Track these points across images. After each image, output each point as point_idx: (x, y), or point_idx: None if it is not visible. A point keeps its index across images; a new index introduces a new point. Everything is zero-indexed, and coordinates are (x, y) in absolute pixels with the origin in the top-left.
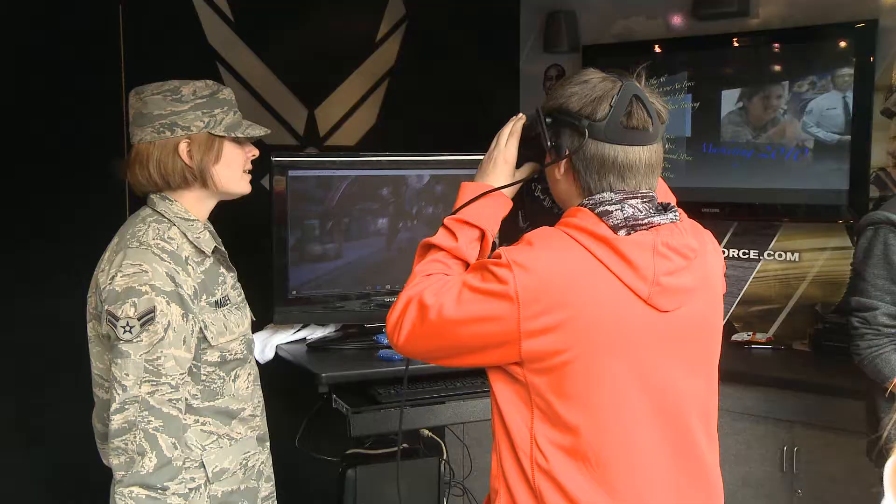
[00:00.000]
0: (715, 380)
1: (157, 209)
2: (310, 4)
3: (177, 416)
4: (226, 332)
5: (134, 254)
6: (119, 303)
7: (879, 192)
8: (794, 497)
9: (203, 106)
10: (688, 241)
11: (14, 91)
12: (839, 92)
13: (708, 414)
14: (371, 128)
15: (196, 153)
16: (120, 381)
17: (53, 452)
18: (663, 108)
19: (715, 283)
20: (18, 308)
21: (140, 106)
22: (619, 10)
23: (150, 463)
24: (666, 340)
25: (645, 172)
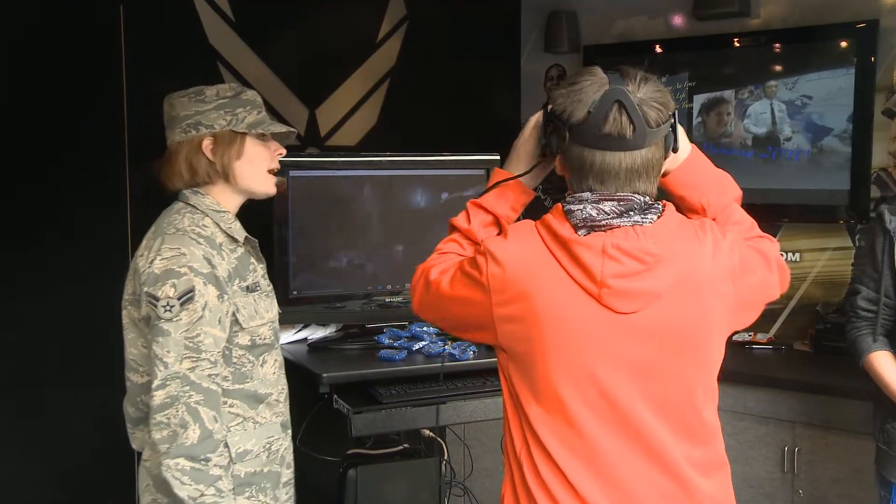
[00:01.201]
0: (695, 379)
1: (190, 202)
2: (310, 4)
3: (216, 391)
4: (256, 316)
5: (171, 238)
6: (159, 284)
7: (880, 193)
8: (795, 497)
9: (226, 105)
10: (645, 245)
11: (14, 91)
12: (768, 99)
13: (678, 412)
14: (372, 128)
15: (219, 149)
16: (161, 358)
17: (54, 452)
18: (661, 110)
19: (700, 286)
20: (18, 307)
21: (169, 109)
22: (619, 10)
23: (194, 435)
24: (623, 341)
25: (626, 177)
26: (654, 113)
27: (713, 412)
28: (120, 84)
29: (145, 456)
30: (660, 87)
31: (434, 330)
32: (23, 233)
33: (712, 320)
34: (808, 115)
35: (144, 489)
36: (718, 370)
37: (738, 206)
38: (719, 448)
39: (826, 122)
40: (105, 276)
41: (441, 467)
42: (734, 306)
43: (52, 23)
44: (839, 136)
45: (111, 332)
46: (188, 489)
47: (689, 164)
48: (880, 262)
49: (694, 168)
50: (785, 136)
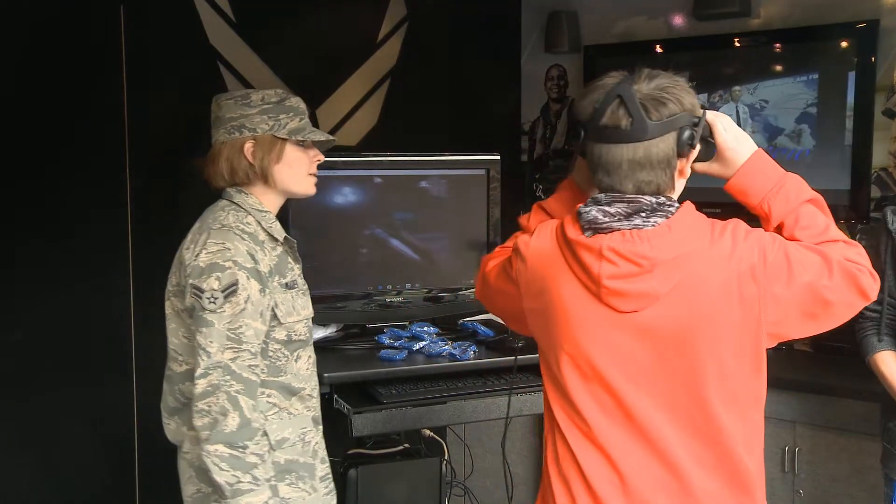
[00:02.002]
0: (701, 380)
1: (234, 200)
2: (310, 5)
3: (255, 381)
4: (293, 312)
5: (217, 234)
6: (204, 276)
7: (880, 193)
8: (796, 497)
9: (270, 111)
10: (639, 249)
11: (15, 90)
12: (734, 103)
13: (684, 410)
14: (372, 128)
15: (259, 153)
16: (205, 348)
17: (54, 452)
18: (666, 104)
19: (708, 289)
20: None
21: (216, 110)
22: (620, 11)
23: (234, 422)
24: (625, 339)
25: (629, 169)
26: (656, 105)
27: (738, 417)
28: (120, 84)
29: (185, 448)
30: (672, 84)
31: (434, 330)
32: (23, 232)
33: (720, 322)
34: (765, 117)
35: (187, 480)
36: (757, 373)
37: (811, 209)
38: (739, 454)
39: (779, 123)
40: (105, 276)
41: (441, 467)
42: (768, 308)
43: (52, 23)
44: (789, 136)
45: (111, 331)
46: (226, 475)
47: (747, 170)
48: (884, 263)
49: (750, 174)
50: None
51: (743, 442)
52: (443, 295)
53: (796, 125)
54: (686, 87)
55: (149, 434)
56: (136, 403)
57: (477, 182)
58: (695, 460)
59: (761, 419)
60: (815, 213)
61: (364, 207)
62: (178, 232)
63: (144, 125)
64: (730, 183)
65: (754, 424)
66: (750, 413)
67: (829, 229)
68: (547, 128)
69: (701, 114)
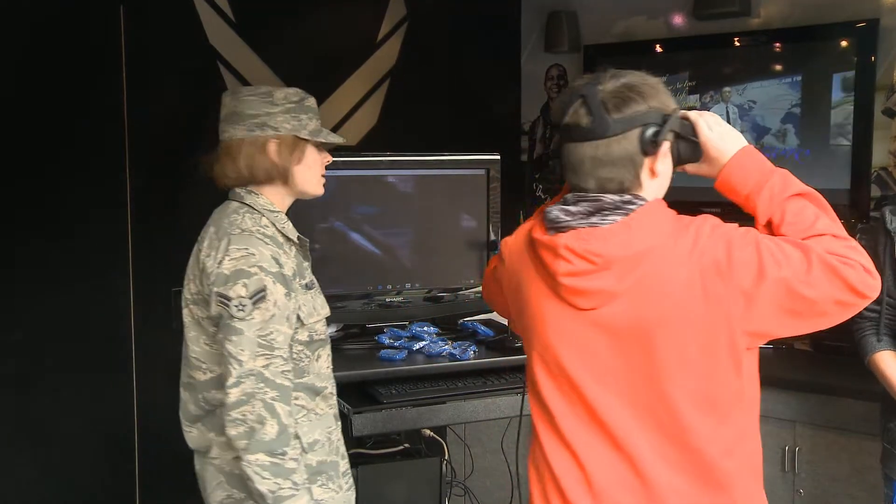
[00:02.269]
0: (666, 379)
1: (245, 201)
2: (310, 5)
3: (289, 386)
4: (314, 312)
5: (238, 239)
6: (230, 284)
7: (880, 192)
8: (796, 497)
9: (293, 110)
10: (592, 247)
11: (15, 90)
12: (724, 103)
13: (649, 408)
14: (372, 128)
15: (282, 152)
16: (236, 356)
17: (54, 452)
18: (628, 101)
19: (669, 286)
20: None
21: (235, 105)
22: (620, 10)
23: (273, 430)
24: (587, 335)
25: (591, 166)
26: (617, 103)
27: (713, 418)
28: (120, 84)
29: (214, 454)
30: (639, 82)
31: (434, 330)
32: (23, 232)
33: (683, 320)
34: (753, 117)
35: (216, 486)
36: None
37: (800, 203)
38: (710, 454)
39: (766, 122)
40: (105, 276)
41: (441, 467)
42: (737, 306)
43: (52, 23)
44: (775, 135)
45: (111, 331)
46: (268, 483)
47: (732, 167)
48: (882, 263)
49: (735, 171)
50: None
51: (719, 442)
52: (443, 295)
53: (781, 125)
54: (656, 86)
55: (149, 434)
56: (136, 403)
57: (477, 182)
58: (660, 457)
59: (750, 420)
60: (803, 208)
61: (363, 207)
62: (178, 232)
63: (144, 125)
64: (717, 181)
65: (738, 426)
66: (732, 414)
67: (817, 223)
68: (547, 128)
69: (671, 111)
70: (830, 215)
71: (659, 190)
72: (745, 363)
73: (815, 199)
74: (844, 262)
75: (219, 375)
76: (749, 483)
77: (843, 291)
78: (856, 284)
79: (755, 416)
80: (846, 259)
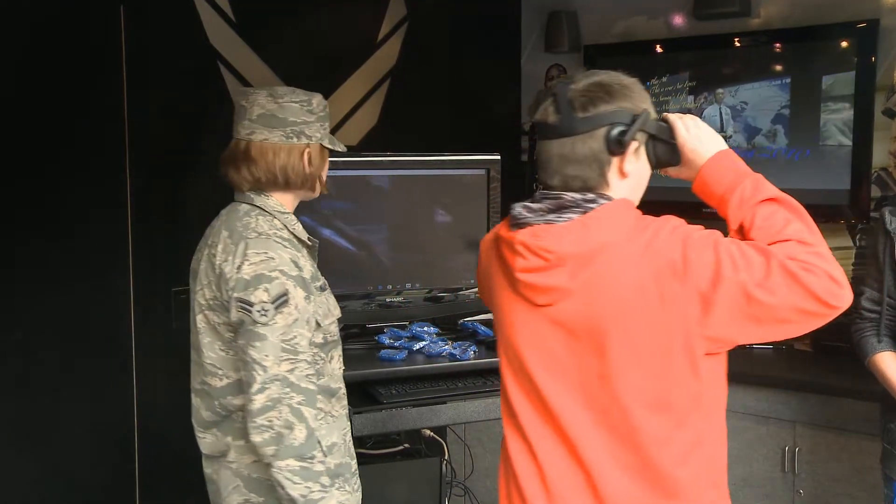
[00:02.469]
0: (618, 378)
1: (256, 203)
2: (310, 5)
3: (314, 390)
4: (329, 314)
5: (256, 243)
6: (251, 289)
7: (881, 192)
8: (796, 497)
9: (323, 119)
10: (545, 243)
11: (15, 90)
12: (717, 104)
13: (602, 407)
14: (372, 128)
15: (314, 161)
16: (260, 362)
17: (54, 452)
18: (596, 99)
19: (620, 285)
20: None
21: (276, 109)
22: (620, 10)
23: (301, 434)
24: (544, 332)
25: (558, 164)
26: (584, 102)
27: (667, 421)
28: (120, 84)
29: (231, 458)
30: (610, 81)
31: (434, 330)
32: (23, 232)
33: (636, 320)
34: (745, 118)
35: (232, 490)
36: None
37: (770, 208)
38: (660, 458)
39: (757, 123)
40: (105, 276)
41: (442, 467)
42: (693, 308)
43: (52, 23)
44: (766, 135)
45: (111, 331)
46: (299, 488)
47: (706, 171)
48: (882, 263)
49: (710, 174)
50: (727, 134)
51: (673, 447)
52: (443, 295)
53: (772, 125)
54: (630, 86)
55: (149, 434)
56: (136, 403)
57: (477, 182)
58: (613, 460)
59: (710, 426)
60: (773, 213)
61: (363, 207)
62: (178, 232)
63: (144, 125)
64: (693, 185)
65: (696, 431)
66: (689, 418)
67: (786, 229)
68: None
69: (640, 112)
70: (805, 221)
71: (631, 191)
72: (705, 367)
73: (788, 205)
74: (806, 269)
75: (236, 381)
76: (704, 492)
77: (805, 299)
78: (818, 292)
79: (716, 421)
80: (809, 266)
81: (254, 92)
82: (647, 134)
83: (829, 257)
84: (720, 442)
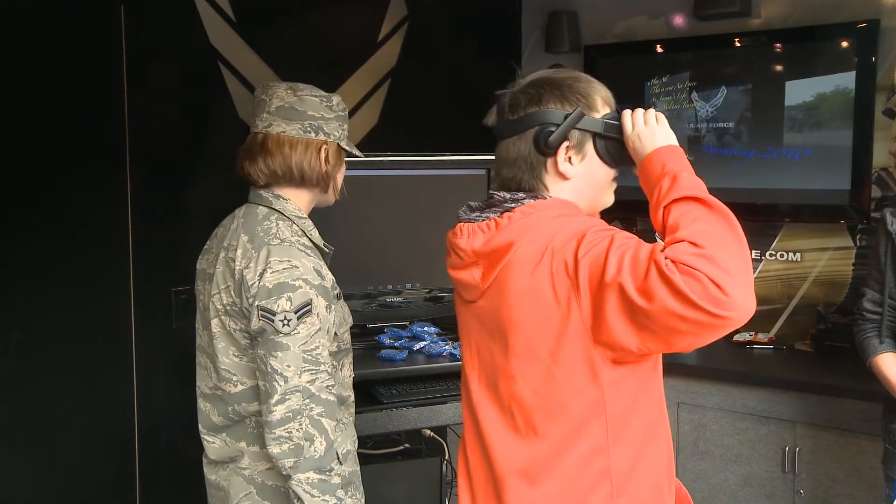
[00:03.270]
0: (519, 377)
1: (274, 206)
2: (310, 4)
3: (334, 401)
4: (344, 323)
5: (278, 251)
6: (273, 298)
7: (881, 192)
8: (796, 497)
9: (342, 119)
10: (460, 241)
11: (15, 90)
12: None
13: (506, 404)
14: (372, 128)
15: (331, 159)
16: (281, 372)
17: (54, 452)
18: (526, 101)
19: (520, 286)
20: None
21: (295, 102)
22: (620, 10)
23: (321, 447)
24: (474, 326)
25: (498, 166)
26: (514, 104)
27: (565, 427)
28: (120, 84)
29: (243, 464)
30: (543, 81)
31: (434, 330)
32: (23, 232)
33: (536, 321)
34: (716, 121)
35: (243, 497)
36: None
37: (682, 207)
38: (563, 464)
39: (725, 126)
40: (105, 276)
41: (442, 467)
42: (585, 311)
43: (52, 23)
44: (731, 134)
45: (111, 331)
46: (317, 501)
47: (641, 169)
48: (883, 265)
49: (642, 173)
50: (701, 134)
51: (571, 453)
52: (443, 295)
53: (736, 128)
54: (569, 85)
55: (149, 434)
56: (136, 403)
57: (477, 182)
58: (517, 463)
59: (621, 439)
60: (684, 213)
61: (364, 207)
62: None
63: (144, 125)
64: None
65: (595, 441)
66: (589, 427)
67: (685, 229)
68: None
69: (572, 110)
70: (720, 225)
71: (577, 193)
72: (610, 375)
73: (708, 205)
74: (686, 273)
75: (251, 387)
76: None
77: (682, 306)
78: (695, 299)
79: (631, 435)
80: (689, 269)
81: (274, 85)
82: (589, 133)
83: (722, 261)
84: (631, 456)
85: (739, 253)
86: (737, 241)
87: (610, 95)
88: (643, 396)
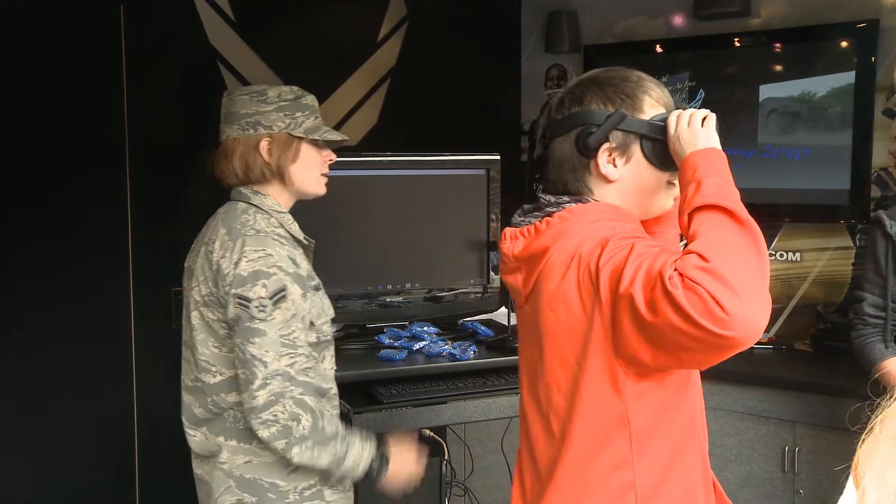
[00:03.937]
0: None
1: (252, 202)
2: (310, 4)
3: (311, 382)
4: (323, 314)
5: (253, 240)
6: (248, 285)
7: (881, 192)
8: (796, 497)
9: (286, 108)
10: (505, 246)
11: (14, 90)
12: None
13: (543, 407)
14: (372, 128)
15: (275, 151)
16: (260, 358)
17: (54, 452)
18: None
19: (551, 290)
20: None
21: (229, 105)
22: (620, 10)
23: (308, 423)
24: (521, 328)
25: (547, 167)
26: (559, 105)
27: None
28: (120, 84)
29: (223, 458)
30: (587, 82)
31: (434, 330)
32: (23, 232)
33: (561, 330)
34: None
35: (225, 490)
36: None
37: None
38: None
39: None
40: (105, 276)
41: (442, 467)
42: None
43: (52, 23)
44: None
45: (111, 331)
46: (325, 457)
47: (679, 173)
48: (884, 268)
49: (679, 178)
50: None
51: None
52: (443, 295)
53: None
54: (614, 84)
55: (149, 434)
56: (136, 403)
57: (477, 182)
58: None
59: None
60: (703, 221)
61: (363, 207)
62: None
63: (144, 125)
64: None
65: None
66: (610, 440)
67: (699, 238)
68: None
69: (611, 112)
70: (738, 237)
71: (624, 196)
72: (634, 390)
73: (732, 215)
74: (687, 287)
75: (229, 378)
76: None
77: (682, 322)
78: (694, 315)
79: (651, 449)
80: (691, 284)
81: (224, 94)
82: (634, 134)
83: (728, 277)
84: (659, 471)
85: (753, 268)
86: (754, 256)
87: (665, 95)
88: (670, 411)
